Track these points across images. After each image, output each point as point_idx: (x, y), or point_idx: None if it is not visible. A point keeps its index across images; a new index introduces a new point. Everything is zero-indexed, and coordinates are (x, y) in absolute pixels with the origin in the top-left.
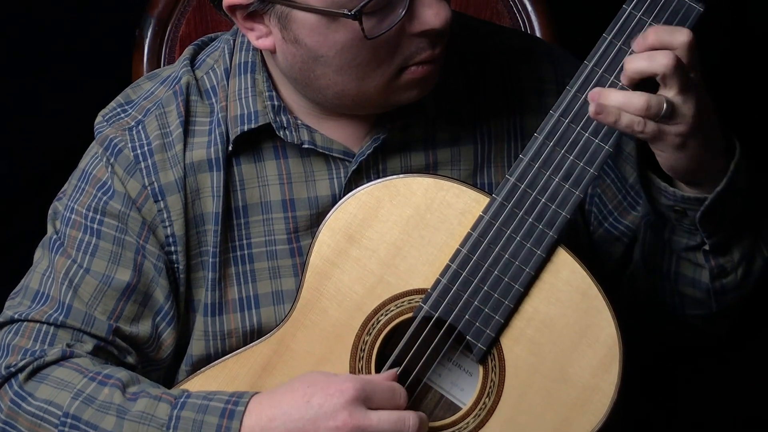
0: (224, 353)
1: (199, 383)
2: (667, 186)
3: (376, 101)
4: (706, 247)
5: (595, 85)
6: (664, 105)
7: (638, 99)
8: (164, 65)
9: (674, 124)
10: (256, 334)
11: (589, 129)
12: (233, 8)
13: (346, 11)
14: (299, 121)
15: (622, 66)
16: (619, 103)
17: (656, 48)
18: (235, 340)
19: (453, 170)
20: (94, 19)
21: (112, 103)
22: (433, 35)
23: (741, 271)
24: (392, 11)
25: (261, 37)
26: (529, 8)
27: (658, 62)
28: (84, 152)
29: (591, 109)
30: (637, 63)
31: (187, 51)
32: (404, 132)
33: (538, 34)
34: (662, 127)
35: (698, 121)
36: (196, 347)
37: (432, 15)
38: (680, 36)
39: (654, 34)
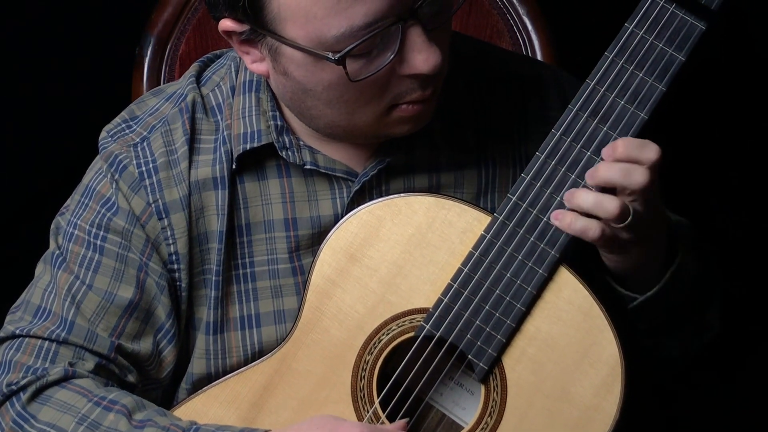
0: (225, 372)
1: (201, 402)
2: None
3: (368, 133)
4: (642, 327)
5: (597, 104)
6: (631, 214)
7: (611, 203)
8: (164, 84)
9: (628, 232)
10: (257, 353)
11: (591, 148)
12: (228, 33)
13: (330, 55)
14: (302, 142)
15: (623, 86)
16: (590, 205)
17: (623, 161)
18: (236, 359)
19: (456, 194)
20: (94, 37)
21: (117, 119)
22: (423, 78)
23: (676, 352)
24: (381, 54)
25: (256, 61)
26: (530, 27)
27: (634, 180)
28: (84, 169)
29: (553, 218)
30: (610, 174)
31: (193, 67)
32: (408, 154)
33: (538, 53)
34: (616, 232)
35: (650, 232)
36: (197, 366)
37: (422, 60)
38: (649, 153)
39: (623, 148)
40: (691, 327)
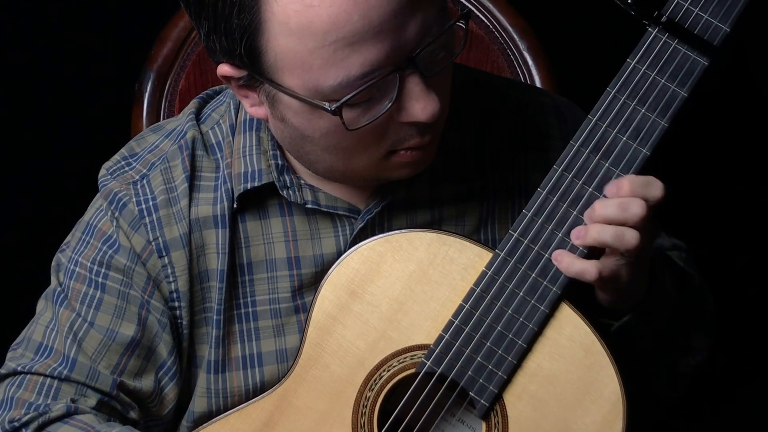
0: (226, 410)
1: None
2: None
3: (366, 177)
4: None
5: (599, 140)
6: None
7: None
8: (164, 119)
9: (629, 268)
10: (258, 392)
11: (593, 184)
12: (227, 78)
13: (326, 105)
14: (302, 181)
15: (625, 122)
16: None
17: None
18: (237, 398)
19: (458, 227)
20: (93, 73)
21: (116, 156)
22: (421, 126)
23: (664, 376)
24: (379, 102)
25: (255, 105)
26: (530, 62)
27: (631, 213)
28: (84, 205)
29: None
30: (608, 210)
31: (192, 104)
32: (410, 190)
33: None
34: (617, 270)
35: (645, 266)
36: (198, 404)
37: (419, 109)
38: (654, 191)
39: (629, 186)
40: (676, 350)
